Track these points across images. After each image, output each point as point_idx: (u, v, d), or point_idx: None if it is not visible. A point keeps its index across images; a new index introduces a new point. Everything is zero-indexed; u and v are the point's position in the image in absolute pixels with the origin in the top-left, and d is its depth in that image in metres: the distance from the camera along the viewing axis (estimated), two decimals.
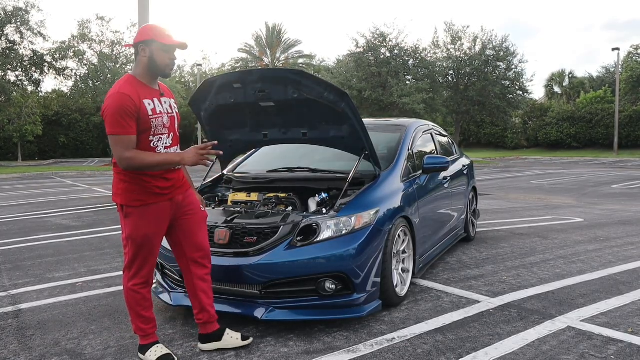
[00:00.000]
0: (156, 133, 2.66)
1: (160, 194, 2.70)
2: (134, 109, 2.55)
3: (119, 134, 2.54)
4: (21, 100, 31.23)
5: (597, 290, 4.02)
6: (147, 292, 2.79)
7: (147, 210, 2.67)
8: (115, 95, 2.55)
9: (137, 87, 2.63)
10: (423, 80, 29.45)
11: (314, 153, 4.61)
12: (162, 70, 2.69)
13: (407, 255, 3.87)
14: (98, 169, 24.13)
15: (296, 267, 3.12)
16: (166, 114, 2.72)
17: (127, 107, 2.53)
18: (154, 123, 2.64)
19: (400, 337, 3.08)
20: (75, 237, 6.59)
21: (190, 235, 2.85)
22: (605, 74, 50.41)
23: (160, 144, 2.69)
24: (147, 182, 2.66)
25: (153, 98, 2.68)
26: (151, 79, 2.71)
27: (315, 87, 3.39)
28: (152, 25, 2.69)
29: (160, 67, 2.67)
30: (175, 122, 2.79)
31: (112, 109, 2.54)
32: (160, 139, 2.69)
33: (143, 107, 2.60)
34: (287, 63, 44.14)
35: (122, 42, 28.92)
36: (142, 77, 2.69)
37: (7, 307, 3.78)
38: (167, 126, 2.72)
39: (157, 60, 2.65)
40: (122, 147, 2.55)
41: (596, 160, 29.88)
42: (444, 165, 4.39)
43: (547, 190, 12.54)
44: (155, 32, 2.65)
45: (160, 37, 2.64)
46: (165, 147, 2.72)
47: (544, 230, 6.70)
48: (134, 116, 2.56)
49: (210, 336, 2.94)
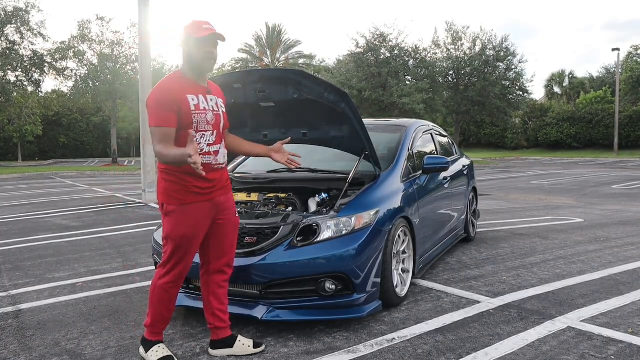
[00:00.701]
0: (199, 129, 2.64)
1: (200, 193, 2.67)
2: (174, 102, 2.56)
3: (155, 125, 2.56)
4: (21, 100, 31.25)
5: (597, 290, 4.02)
6: (175, 293, 2.77)
7: (186, 209, 2.65)
8: (157, 88, 2.60)
9: (181, 82, 2.64)
10: (423, 81, 29.47)
11: (314, 153, 4.61)
12: (200, 65, 2.68)
13: (407, 255, 3.87)
14: (98, 169, 24.13)
15: (296, 268, 3.12)
16: (211, 111, 2.70)
17: (166, 100, 2.55)
18: (196, 119, 2.62)
19: (400, 338, 3.08)
20: (75, 237, 6.59)
21: (219, 240, 2.83)
22: (606, 74, 50.43)
23: (203, 140, 2.67)
24: (188, 181, 2.64)
25: (198, 94, 2.67)
26: (196, 75, 2.71)
27: (315, 87, 3.39)
28: (190, 21, 2.70)
29: (198, 62, 2.67)
30: (220, 121, 2.77)
31: (152, 101, 2.58)
32: (203, 136, 2.67)
33: (185, 102, 2.60)
34: (287, 63, 44.15)
35: (122, 42, 28.89)
36: (187, 73, 2.71)
37: (7, 307, 3.78)
38: (210, 123, 2.69)
39: (194, 55, 2.66)
40: (156, 139, 2.57)
41: (596, 160, 29.89)
42: (444, 165, 4.39)
43: (547, 191, 12.54)
44: (190, 28, 2.66)
45: (194, 32, 2.64)
46: (208, 144, 2.69)
47: (544, 231, 6.70)
48: (173, 109, 2.56)
49: (220, 342, 2.90)
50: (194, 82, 2.70)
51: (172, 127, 2.58)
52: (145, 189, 10.59)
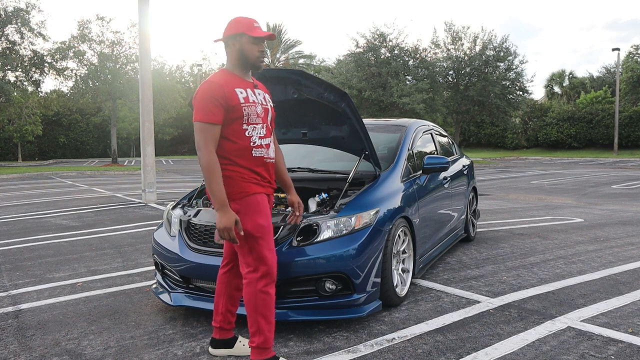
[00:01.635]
0: (250, 122, 2.62)
1: (259, 184, 2.66)
2: (222, 96, 2.53)
3: (200, 120, 2.52)
4: (21, 100, 31.24)
5: (597, 290, 4.02)
6: (274, 291, 2.66)
7: (252, 200, 2.61)
8: (206, 83, 2.56)
9: (229, 78, 2.62)
10: (423, 81, 29.48)
11: (314, 153, 4.61)
12: (252, 63, 2.68)
13: (407, 255, 3.87)
14: (98, 169, 24.12)
15: (296, 267, 3.12)
16: (260, 104, 2.69)
17: (215, 95, 2.52)
18: (246, 111, 2.60)
19: (400, 337, 3.08)
20: (75, 237, 6.59)
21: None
22: (606, 74, 50.44)
23: (255, 133, 2.64)
24: (244, 172, 2.61)
25: (246, 88, 2.66)
26: (243, 71, 2.70)
27: (315, 87, 3.39)
28: (240, 18, 2.67)
29: (251, 60, 2.66)
30: (268, 115, 2.75)
31: (200, 96, 2.54)
32: (255, 129, 2.64)
33: (234, 95, 2.57)
34: (287, 63, 44.19)
35: (122, 42, 28.87)
36: (234, 69, 2.68)
37: (7, 307, 3.78)
38: (260, 116, 2.67)
39: (247, 53, 2.65)
40: (201, 137, 2.51)
41: (596, 160, 29.89)
42: (444, 165, 4.39)
43: (547, 191, 12.54)
44: (245, 26, 2.64)
45: (249, 30, 2.63)
46: (260, 137, 2.66)
47: (544, 231, 6.70)
48: (221, 104, 2.53)
49: (221, 342, 2.88)
50: (241, 78, 2.68)
51: (218, 124, 2.53)
52: (145, 189, 10.59)
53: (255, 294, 2.59)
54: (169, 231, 3.71)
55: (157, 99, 25.91)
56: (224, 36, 2.67)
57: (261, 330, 2.60)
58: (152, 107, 10.69)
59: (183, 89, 38.86)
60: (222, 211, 2.49)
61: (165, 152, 45.98)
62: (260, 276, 2.60)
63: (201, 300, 3.36)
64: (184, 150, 48.53)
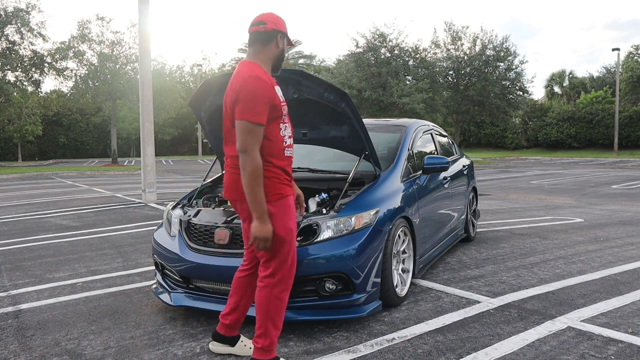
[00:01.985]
0: (284, 121, 2.58)
1: (289, 185, 2.61)
2: (270, 95, 2.43)
3: (252, 120, 2.37)
4: (21, 100, 31.24)
5: (597, 290, 4.02)
6: (287, 298, 2.64)
7: (286, 202, 2.56)
8: (254, 79, 2.40)
9: (267, 74, 2.54)
10: (423, 81, 29.49)
11: (314, 153, 4.61)
12: (281, 64, 2.65)
13: (407, 255, 3.87)
14: (98, 169, 24.13)
15: (296, 267, 3.12)
16: (285, 102, 2.65)
17: (265, 93, 2.40)
18: (284, 110, 2.56)
19: (400, 338, 3.08)
20: (75, 237, 6.59)
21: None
22: (606, 74, 50.46)
23: (286, 132, 2.60)
24: (279, 173, 2.54)
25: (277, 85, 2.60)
26: (269, 69, 2.62)
27: (315, 87, 3.39)
28: (280, 17, 2.61)
29: (282, 59, 2.64)
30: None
31: (249, 93, 2.38)
32: (286, 128, 2.61)
33: (276, 94, 2.51)
34: (287, 63, 44.18)
35: (122, 42, 28.86)
36: (265, 65, 2.56)
37: (7, 307, 3.78)
38: (287, 115, 2.64)
39: (283, 55, 2.63)
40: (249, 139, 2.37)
41: (596, 160, 29.90)
42: (444, 165, 4.39)
43: (547, 191, 12.54)
44: (283, 25, 2.60)
45: (286, 30, 2.62)
46: (289, 136, 2.63)
47: (544, 231, 6.70)
48: (268, 104, 2.42)
49: (226, 339, 2.87)
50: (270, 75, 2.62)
51: (264, 125, 2.42)
52: (145, 189, 10.59)
53: (269, 299, 2.57)
54: (169, 231, 3.71)
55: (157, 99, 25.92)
56: (271, 28, 2.54)
57: (268, 334, 2.59)
58: (152, 107, 10.70)
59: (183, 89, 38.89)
60: (262, 220, 2.40)
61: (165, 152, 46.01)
62: (277, 281, 2.57)
63: (201, 301, 3.36)
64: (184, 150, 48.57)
